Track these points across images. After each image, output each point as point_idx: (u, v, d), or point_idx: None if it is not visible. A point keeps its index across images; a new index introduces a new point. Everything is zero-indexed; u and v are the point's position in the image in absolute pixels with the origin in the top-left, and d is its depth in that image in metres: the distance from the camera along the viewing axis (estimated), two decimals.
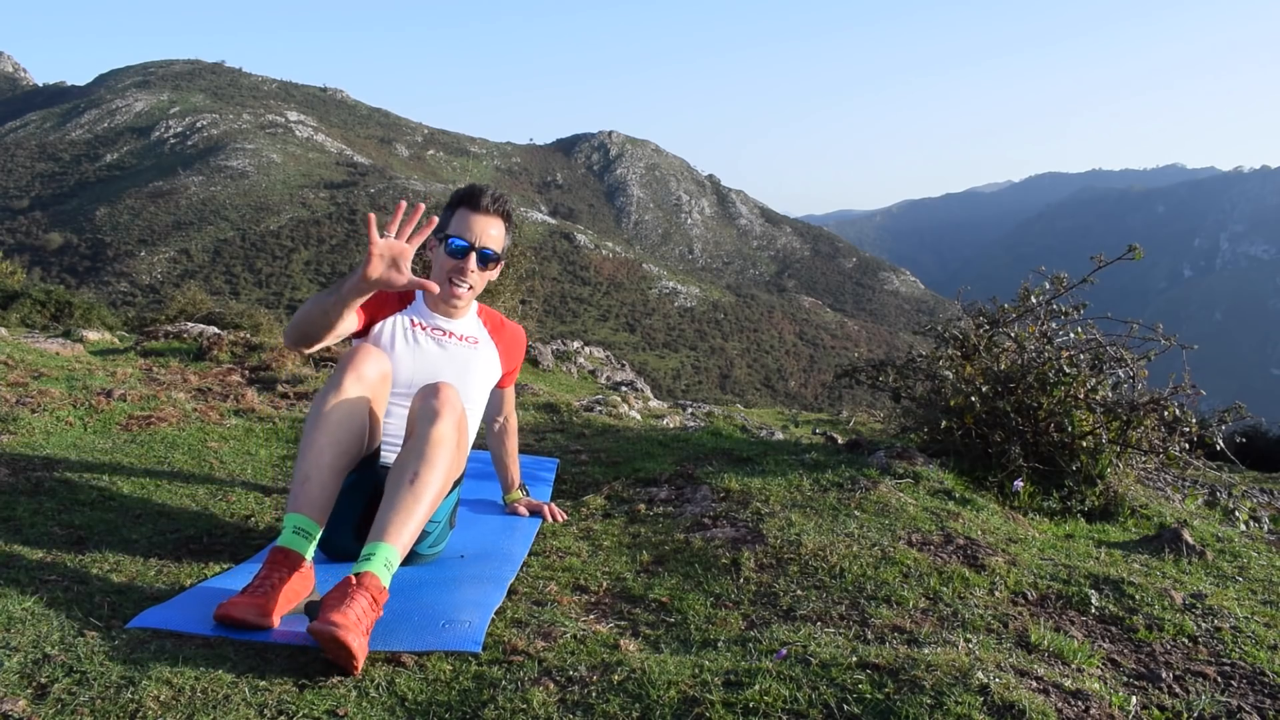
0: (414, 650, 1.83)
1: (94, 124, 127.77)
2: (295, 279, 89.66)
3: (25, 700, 1.50)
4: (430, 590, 2.22)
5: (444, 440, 2.08)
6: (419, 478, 2.02)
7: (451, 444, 2.10)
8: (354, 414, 2.17)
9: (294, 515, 2.05)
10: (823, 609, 2.10)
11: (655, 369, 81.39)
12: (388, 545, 1.93)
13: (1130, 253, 3.79)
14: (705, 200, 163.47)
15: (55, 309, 16.69)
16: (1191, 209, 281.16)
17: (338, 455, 2.13)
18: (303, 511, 2.06)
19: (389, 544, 1.93)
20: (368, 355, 2.25)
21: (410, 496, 2.00)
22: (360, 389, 2.19)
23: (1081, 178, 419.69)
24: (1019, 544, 2.75)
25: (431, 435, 2.08)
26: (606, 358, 9.52)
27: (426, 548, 2.42)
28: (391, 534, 1.95)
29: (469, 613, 2.03)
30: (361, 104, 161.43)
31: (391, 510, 1.98)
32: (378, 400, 2.26)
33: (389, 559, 1.91)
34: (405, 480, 2.02)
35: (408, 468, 2.04)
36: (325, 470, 2.10)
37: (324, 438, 2.11)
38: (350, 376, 2.18)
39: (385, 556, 1.91)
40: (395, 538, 1.95)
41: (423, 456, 2.05)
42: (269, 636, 1.86)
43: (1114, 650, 1.97)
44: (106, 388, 4.23)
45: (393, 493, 2.01)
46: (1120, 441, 3.63)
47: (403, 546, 1.96)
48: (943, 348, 4.09)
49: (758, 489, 3.09)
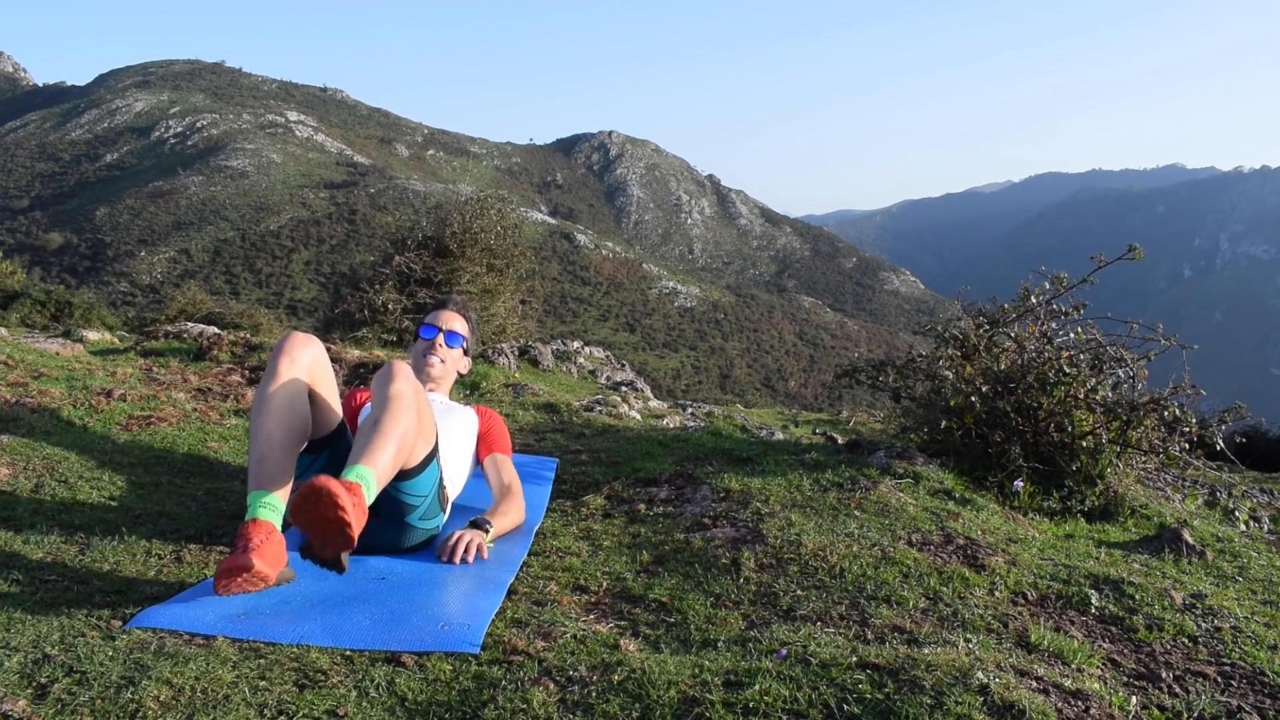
0: (413, 650, 1.83)
1: (94, 124, 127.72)
2: (295, 279, 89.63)
3: (25, 700, 1.50)
4: (429, 591, 2.22)
5: (400, 394, 2.28)
6: (380, 422, 2.21)
7: (408, 400, 2.29)
8: (294, 394, 2.34)
9: (257, 493, 2.17)
10: (823, 609, 2.10)
11: (655, 369, 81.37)
12: (362, 465, 2.10)
13: (1130, 253, 3.79)
14: (705, 200, 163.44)
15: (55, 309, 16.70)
16: (1191, 209, 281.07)
17: (286, 433, 2.28)
18: (264, 488, 2.17)
19: (363, 464, 2.10)
20: (296, 340, 2.44)
21: (376, 434, 2.18)
22: (294, 371, 2.37)
23: (1081, 178, 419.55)
24: (1019, 544, 2.76)
25: (389, 392, 2.28)
26: (606, 358, 9.52)
27: (417, 519, 2.47)
28: (365, 458, 2.12)
29: (468, 614, 2.03)
30: (361, 104, 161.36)
31: (362, 445, 2.17)
32: (316, 379, 2.43)
33: (363, 475, 2.07)
34: (369, 425, 2.22)
35: (370, 419, 2.25)
36: (277, 449, 2.24)
37: (270, 420, 2.27)
38: (284, 361, 2.37)
39: (359, 472, 2.07)
40: (369, 460, 2.12)
41: (384, 407, 2.25)
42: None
43: (1114, 650, 1.97)
44: (106, 388, 4.23)
45: (361, 436, 2.22)
46: (1120, 441, 3.63)
47: (377, 469, 2.11)
48: (943, 348, 4.09)
49: (758, 489, 3.09)
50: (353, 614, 2.03)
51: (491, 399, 5.38)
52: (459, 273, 10.64)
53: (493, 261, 11.19)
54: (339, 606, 2.08)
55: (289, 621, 1.96)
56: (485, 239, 11.07)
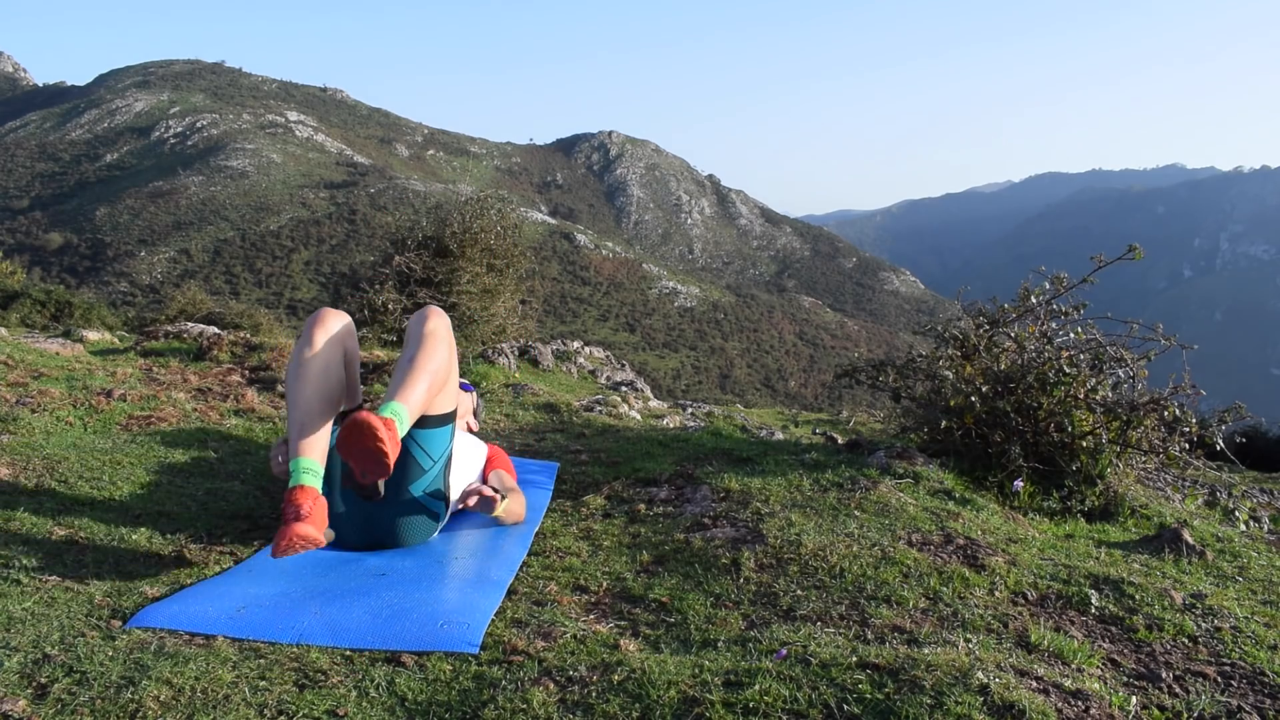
0: (412, 649, 1.83)
1: (94, 124, 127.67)
2: (295, 279, 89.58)
3: (25, 700, 1.50)
4: (429, 587, 2.22)
5: (434, 332, 2.37)
6: (415, 359, 2.30)
7: (443, 337, 2.38)
8: (329, 362, 2.43)
9: (300, 459, 2.25)
10: (823, 609, 2.10)
11: (655, 369, 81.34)
12: (396, 402, 2.20)
13: (1130, 253, 3.79)
14: (705, 200, 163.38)
15: (55, 309, 16.71)
16: (1191, 209, 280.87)
17: (323, 401, 2.36)
18: (306, 454, 2.26)
19: (397, 401, 2.20)
20: (330, 313, 2.54)
21: (411, 370, 2.27)
22: (329, 340, 2.46)
23: (1081, 178, 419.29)
24: (1019, 544, 2.75)
25: (425, 329, 2.38)
26: (606, 358, 9.52)
27: (421, 491, 2.51)
28: (400, 395, 2.21)
29: (467, 612, 2.04)
30: (361, 104, 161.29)
31: (397, 382, 2.25)
32: (347, 350, 2.54)
33: (397, 411, 2.18)
34: (405, 361, 2.37)
35: (405, 354, 2.32)
36: (316, 416, 2.33)
37: (308, 387, 2.35)
38: (319, 330, 2.46)
39: (393, 409, 2.17)
40: (403, 396, 2.21)
41: (419, 344, 2.33)
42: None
43: (1114, 650, 1.97)
44: (106, 388, 4.23)
45: (397, 373, 2.30)
46: (1120, 441, 3.63)
47: (409, 405, 2.20)
48: (943, 348, 4.09)
49: (758, 489, 3.09)
50: (352, 609, 2.04)
51: (491, 399, 5.38)
52: (459, 273, 10.64)
53: (493, 261, 11.19)
54: (338, 601, 2.08)
55: (288, 617, 1.97)
56: (485, 239, 11.07)
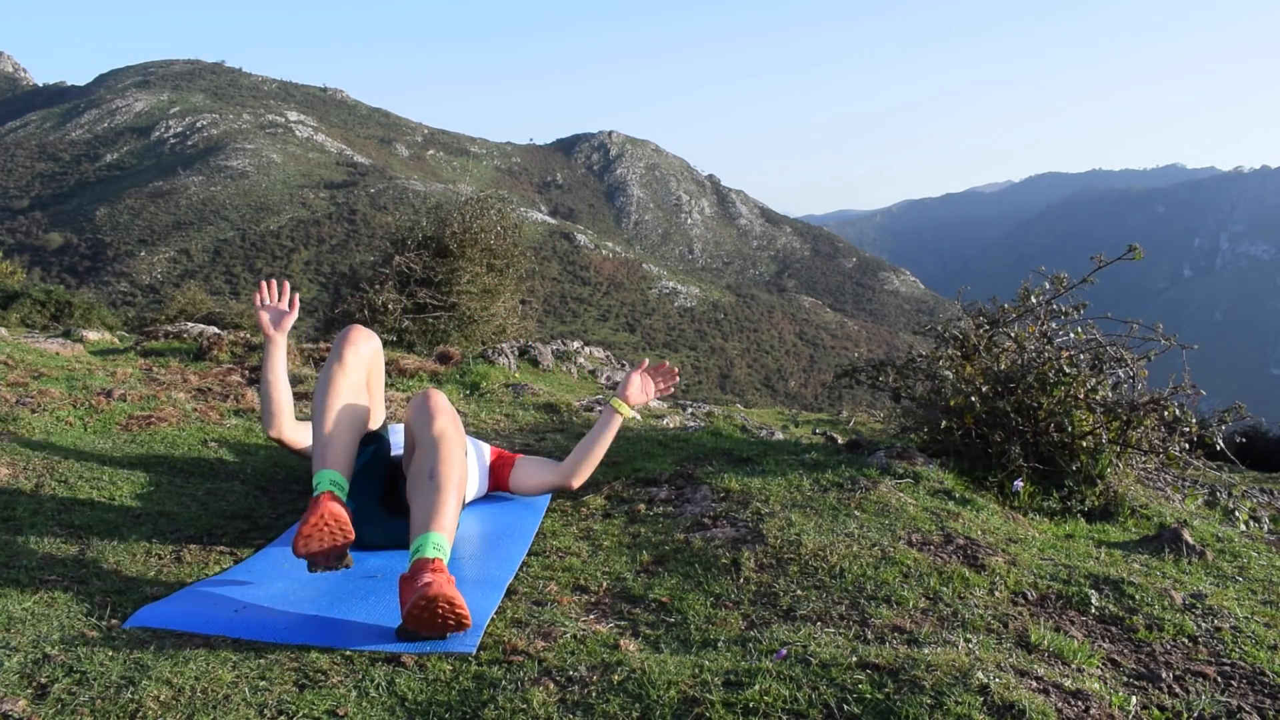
0: (412, 650, 1.83)
1: (94, 124, 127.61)
2: (295, 279, 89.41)
3: (25, 700, 1.50)
4: None
5: (444, 433, 2.30)
6: (437, 475, 2.22)
7: (454, 439, 2.32)
8: (358, 385, 2.48)
9: (326, 471, 2.25)
10: (823, 609, 2.10)
11: None
12: (432, 532, 2.10)
13: (1130, 253, 3.79)
14: (705, 200, 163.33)
15: (55, 309, 16.70)
16: (1191, 209, 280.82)
17: (351, 421, 2.39)
18: (331, 467, 2.27)
19: (433, 530, 2.10)
20: (360, 333, 2.56)
21: (436, 491, 2.19)
22: (359, 362, 2.50)
23: (1081, 178, 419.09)
24: (1019, 544, 2.75)
25: (434, 432, 2.31)
26: (607, 358, 9.51)
27: None
28: (433, 523, 2.12)
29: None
30: (361, 104, 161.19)
31: (425, 506, 2.16)
32: (373, 374, 2.57)
33: (437, 542, 2.08)
34: (425, 478, 2.22)
35: (424, 469, 2.24)
36: (344, 431, 2.36)
37: (338, 403, 2.39)
38: (350, 351, 2.49)
39: (433, 540, 2.07)
40: (438, 525, 2.12)
41: (435, 453, 2.26)
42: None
43: (1114, 650, 1.97)
44: (106, 388, 4.23)
45: (419, 494, 2.20)
46: (1120, 441, 3.63)
47: (445, 531, 2.13)
48: (943, 348, 4.09)
49: (758, 489, 3.09)
50: (352, 609, 2.04)
51: (491, 399, 5.38)
52: (459, 273, 10.63)
53: (493, 261, 11.18)
54: (337, 603, 2.09)
55: (288, 617, 1.97)
56: (485, 239, 11.06)
